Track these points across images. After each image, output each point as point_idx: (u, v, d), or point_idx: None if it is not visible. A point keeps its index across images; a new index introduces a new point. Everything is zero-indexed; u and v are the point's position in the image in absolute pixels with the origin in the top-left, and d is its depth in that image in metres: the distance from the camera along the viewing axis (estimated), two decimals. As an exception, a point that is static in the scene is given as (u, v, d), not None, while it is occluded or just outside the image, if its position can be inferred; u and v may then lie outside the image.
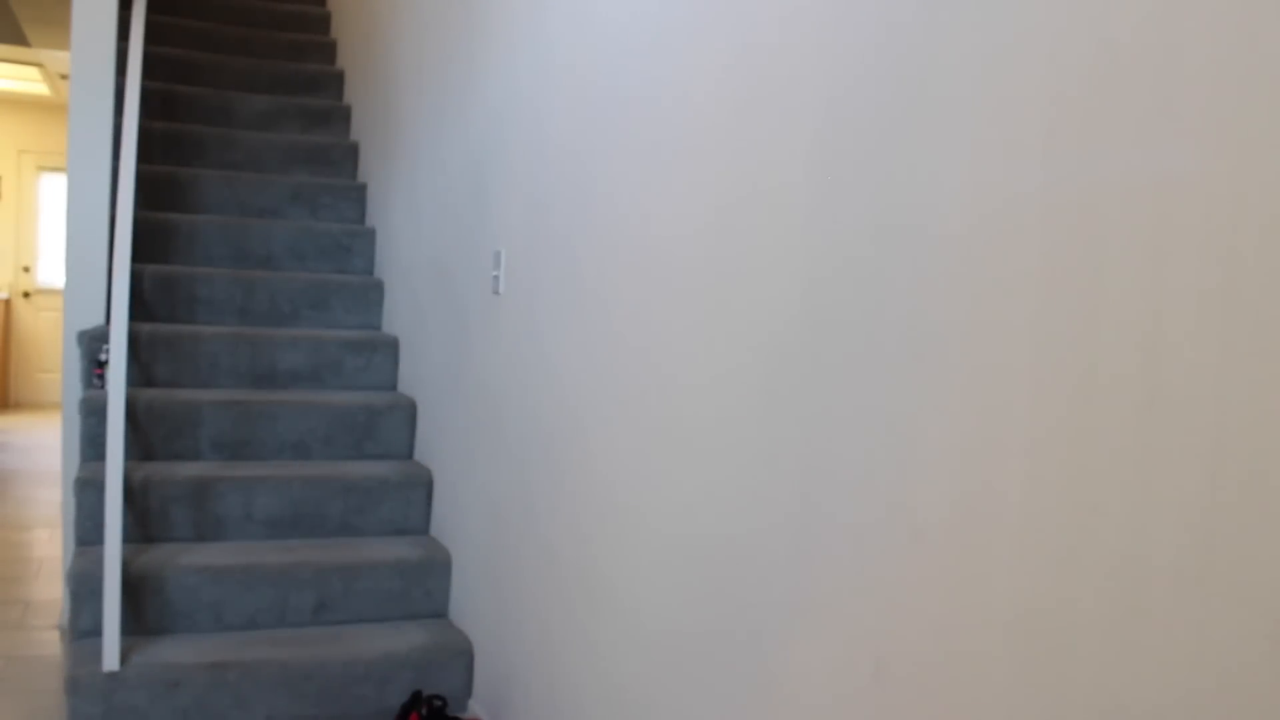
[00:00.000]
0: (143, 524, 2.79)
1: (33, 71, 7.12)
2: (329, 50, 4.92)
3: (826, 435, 1.31)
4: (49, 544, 4.16)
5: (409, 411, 3.24)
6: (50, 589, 3.58)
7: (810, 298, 1.35)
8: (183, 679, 2.42)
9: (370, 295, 3.67)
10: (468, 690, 2.66)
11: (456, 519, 2.84)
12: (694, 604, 1.61)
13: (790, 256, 1.40)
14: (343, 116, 4.44)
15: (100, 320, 3.21)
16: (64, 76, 6.98)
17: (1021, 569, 1.02)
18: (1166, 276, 0.88)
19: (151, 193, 3.70)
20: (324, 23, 5.12)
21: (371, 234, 3.85)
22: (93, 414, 2.88)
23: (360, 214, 4.03)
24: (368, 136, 4.07)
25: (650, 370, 1.77)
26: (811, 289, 1.35)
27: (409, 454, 3.26)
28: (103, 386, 2.99)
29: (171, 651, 2.49)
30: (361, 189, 4.03)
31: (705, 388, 1.60)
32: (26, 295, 8.25)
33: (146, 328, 3.19)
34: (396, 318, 3.53)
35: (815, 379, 1.34)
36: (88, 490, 2.72)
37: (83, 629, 2.52)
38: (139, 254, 3.42)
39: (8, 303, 8.06)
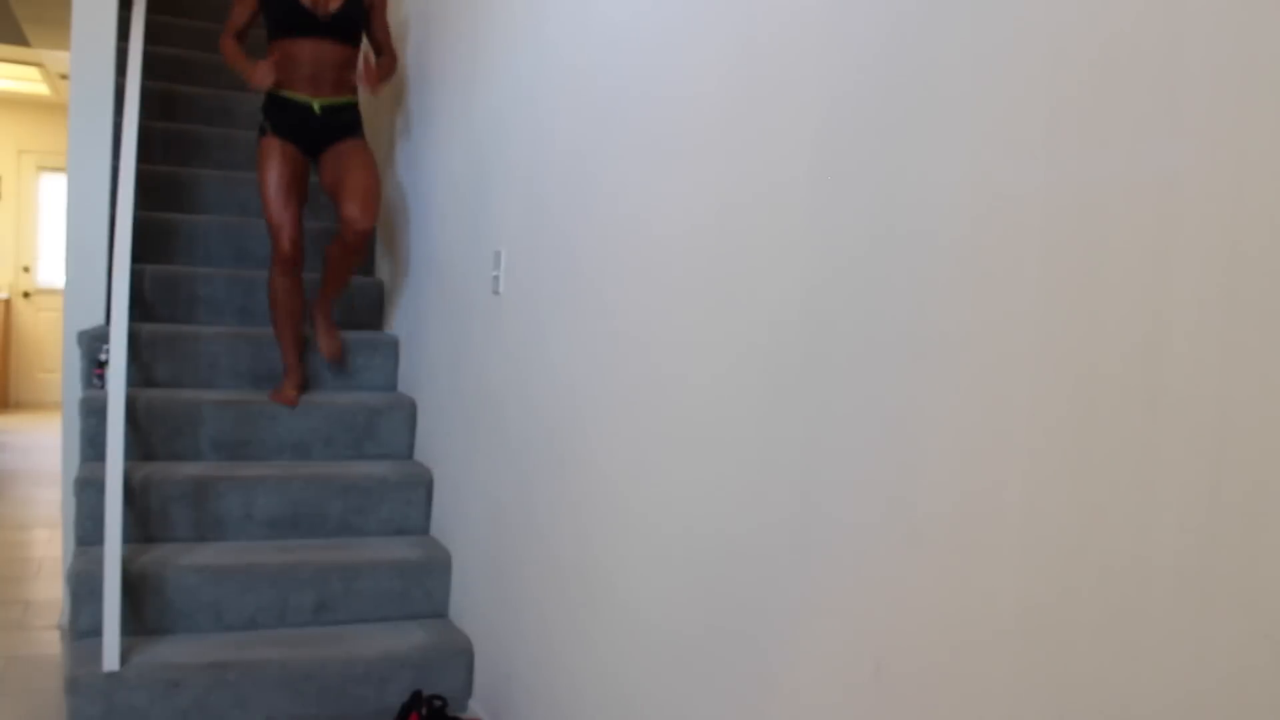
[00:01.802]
0: (143, 524, 2.79)
1: (33, 71, 7.11)
2: (329, 50, 4.91)
3: (827, 434, 1.31)
4: (49, 544, 4.16)
5: (409, 411, 3.23)
6: (50, 589, 3.58)
7: (811, 296, 1.35)
8: (183, 679, 2.42)
9: (370, 295, 3.67)
10: (468, 690, 2.66)
11: (456, 519, 2.84)
12: (694, 603, 1.61)
13: (791, 255, 1.40)
14: (343, 116, 4.43)
15: (100, 320, 3.21)
16: (64, 76, 6.98)
17: (1022, 569, 1.02)
18: (1168, 276, 0.88)
19: (151, 193, 3.69)
20: (324, 23, 5.11)
21: (371, 233, 3.85)
22: (93, 414, 2.88)
23: (360, 214, 4.02)
24: (367, 136, 4.06)
25: (650, 369, 1.77)
26: (812, 288, 1.35)
27: (409, 454, 3.26)
28: (103, 386, 2.99)
29: (171, 651, 2.49)
30: (361, 189, 4.02)
31: (706, 386, 1.60)
32: (26, 295, 8.25)
33: (146, 328, 3.19)
34: (396, 317, 3.52)
35: (816, 378, 1.34)
36: (88, 490, 2.72)
37: (83, 629, 2.52)
38: (139, 254, 3.42)
39: (8, 303, 8.06)
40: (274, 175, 3.05)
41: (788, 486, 1.39)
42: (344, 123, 3.17)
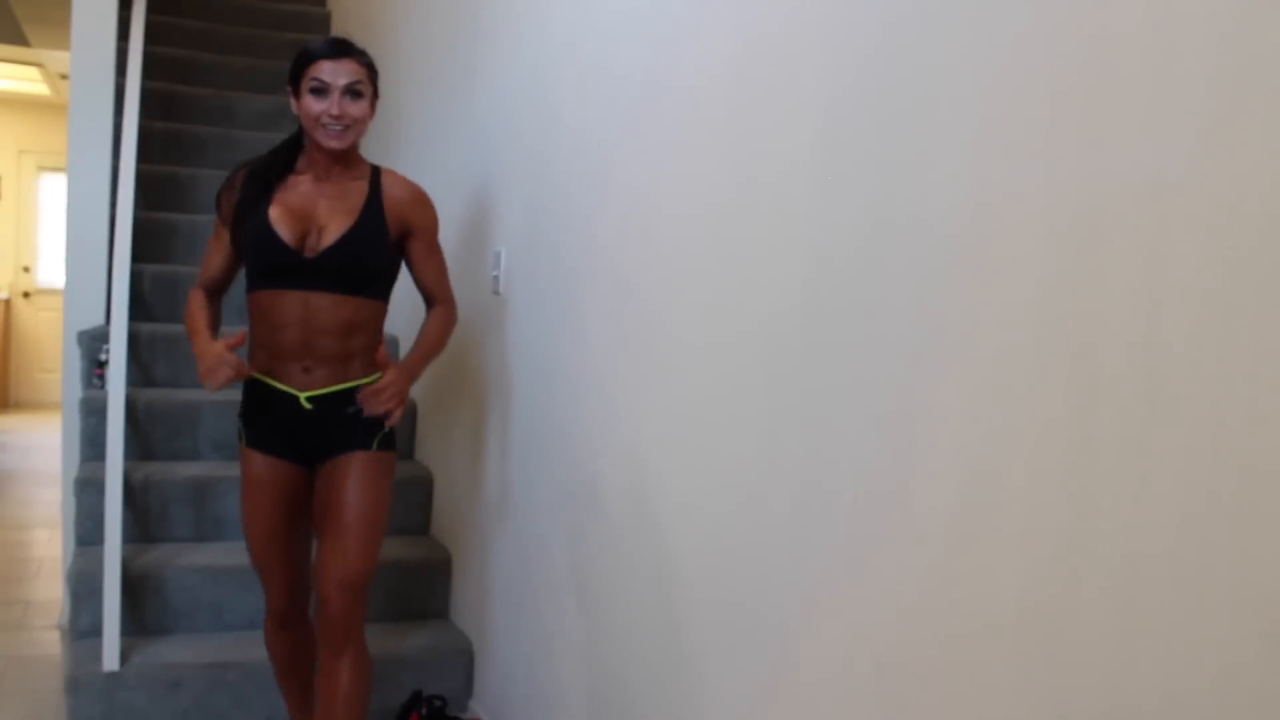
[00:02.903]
0: (143, 524, 2.78)
1: (33, 71, 7.11)
2: (329, 50, 4.91)
3: (826, 430, 1.31)
4: (49, 544, 4.16)
5: (409, 411, 3.23)
6: (50, 589, 3.58)
7: (811, 291, 1.35)
8: (183, 679, 2.42)
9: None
10: (468, 690, 2.66)
11: (456, 519, 2.84)
12: (693, 602, 1.61)
13: (791, 251, 1.40)
14: (343, 116, 4.43)
15: (100, 320, 3.20)
16: (64, 76, 6.98)
17: (1021, 565, 1.02)
18: (1166, 273, 0.88)
19: (151, 193, 3.69)
20: (324, 23, 5.12)
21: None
22: (93, 414, 2.88)
23: (360, 214, 4.01)
24: (367, 137, 4.06)
25: (651, 366, 1.77)
26: (812, 283, 1.35)
27: (409, 454, 3.25)
28: (103, 386, 2.98)
29: (171, 651, 2.49)
30: (361, 189, 4.02)
31: (706, 383, 1.60)
32: (26, 295, 8.25)
33: (146, 328, 3.19)
34: (397, 317, 3.52)
35: (815, 373, 1.34)
36: (88, 490, 2.72)
37: (83, 629, 2.52)
38: (139, 254, 3.41)
39: (8, 303, 8.06)
40: (254, 506, 2.06)
41: (787, 485, 1.39)
42: (351, 422, 2.04)
